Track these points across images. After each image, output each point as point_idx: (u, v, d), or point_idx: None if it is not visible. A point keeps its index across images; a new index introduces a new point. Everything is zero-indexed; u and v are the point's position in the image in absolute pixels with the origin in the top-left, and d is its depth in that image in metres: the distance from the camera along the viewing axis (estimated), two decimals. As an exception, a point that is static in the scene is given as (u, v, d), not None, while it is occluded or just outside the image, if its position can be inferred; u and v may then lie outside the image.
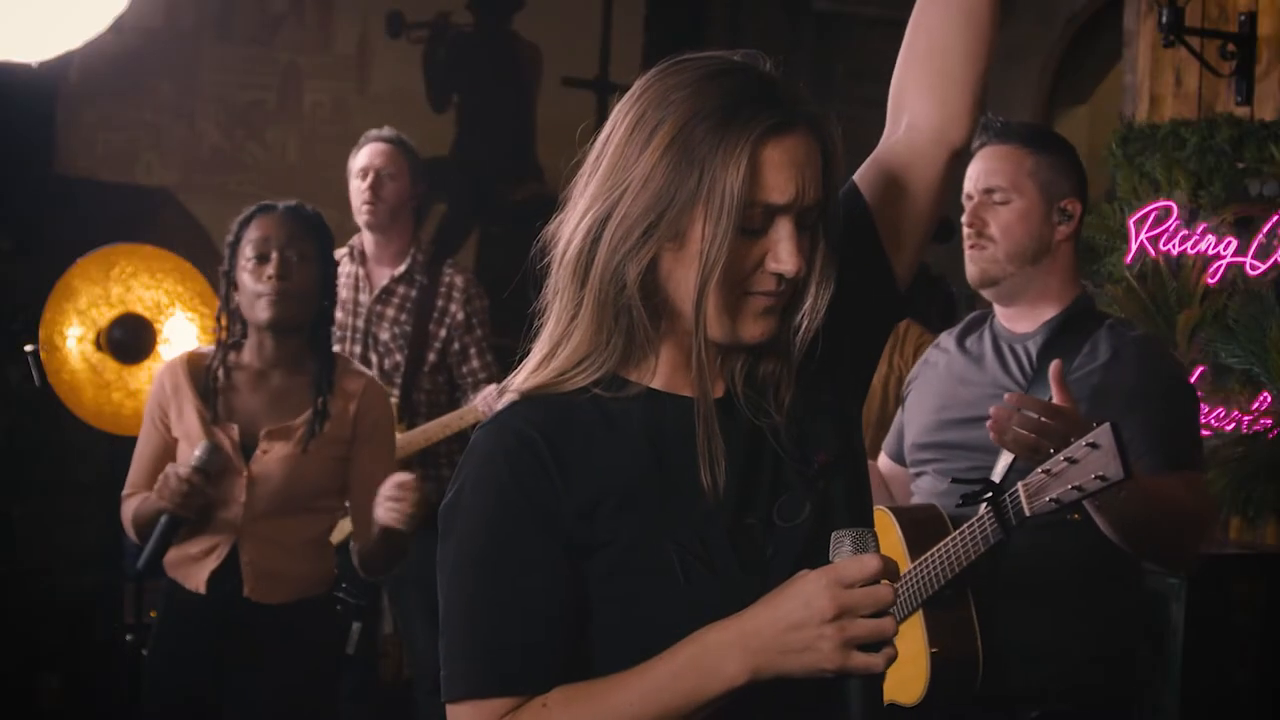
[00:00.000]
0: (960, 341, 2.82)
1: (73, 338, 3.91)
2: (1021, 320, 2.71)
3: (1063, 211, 2.68)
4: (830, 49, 6.84)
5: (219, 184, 5.71)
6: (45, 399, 3.96)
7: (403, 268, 4.44)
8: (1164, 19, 3.98)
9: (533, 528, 1.51)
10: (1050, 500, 2.28)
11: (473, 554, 1.52)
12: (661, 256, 1.51)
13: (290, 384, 3.15)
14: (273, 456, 3.09)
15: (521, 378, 1.57)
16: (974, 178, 2.69)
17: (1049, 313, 2.68)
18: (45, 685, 5.12)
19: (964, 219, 2.69)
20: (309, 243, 3.13)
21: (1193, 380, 3.95)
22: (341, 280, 4.41)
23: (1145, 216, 4.18)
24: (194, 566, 3.12)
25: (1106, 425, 2.21)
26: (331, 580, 3.25)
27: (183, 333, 3.78)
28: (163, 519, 3.02)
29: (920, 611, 2.53)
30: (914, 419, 2.83)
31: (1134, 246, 4.20)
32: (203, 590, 3.10)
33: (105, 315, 3.93)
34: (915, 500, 2.77)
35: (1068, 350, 2.61)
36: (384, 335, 4.41)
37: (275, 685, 3.09)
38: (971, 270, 2.71)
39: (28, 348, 3.92)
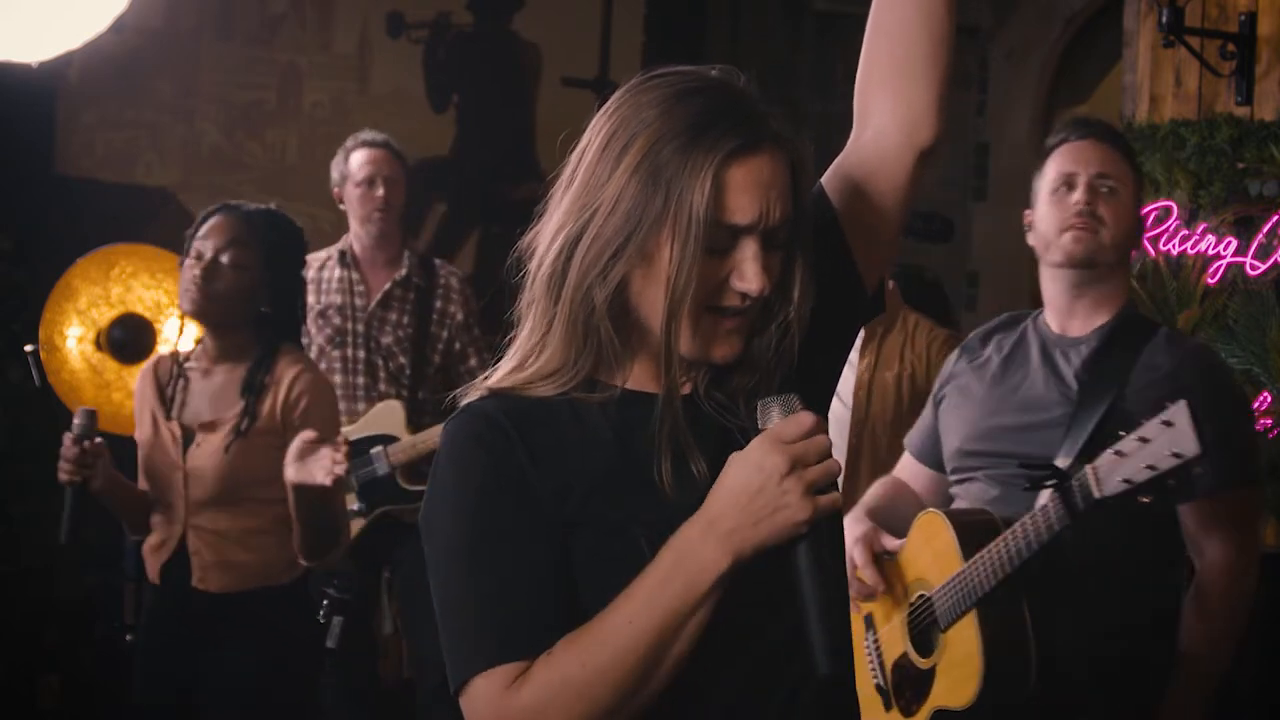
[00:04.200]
0: (998, 344, 2.81)
1: (73, 338, 3.92)
2: (1073, 323, 2.72)
3: (1140, 223, 2.77)
4: (830, 49, 6.84)
5: (219, 184, 5.71)
6: (45, 399, 3.96)
7: (402, 271, 4.45)
8: (1164, 19, 3.98)
9: (515, 501, 1.53)
10: (1122, 480, 2.26)
11: (462, 536, 1.54)
12: (631, 276, 1.53)
13: (231, 379, 3.25)
14: (204, 450, 3.20)
15: (492, 381, 1.60)
16: (1081, 161, 2.70)
17: (1101, 319, 2.70)
18: (45, 685, 5.12)
19: (1078, 196, 2.68)
20: (249, 250, 3.20)
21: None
22: (333, 286, 4.45)
23: (1145, 216, 4.18)
24: (152, 558, 3.27)
25: (1182, 402, 2.21)
26: (294, 570, 3.27)
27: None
28: (67, 492, 3.20)
29: (974, 613, 2.51)
30: (956, 425, 2.80)
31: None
32: (157, 581, 3.27)
33: (105, 315, 3.94)
34: (959, 504, 2.75)
35: (1122, 359, 2.62)
36: (386, 339, 4.41)
37: (237, 673, 3.18)
38: (1076, 249, 2.67)
39: (28, 348, 3.93)
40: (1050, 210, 2.71)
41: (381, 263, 4.48)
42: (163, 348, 3.76)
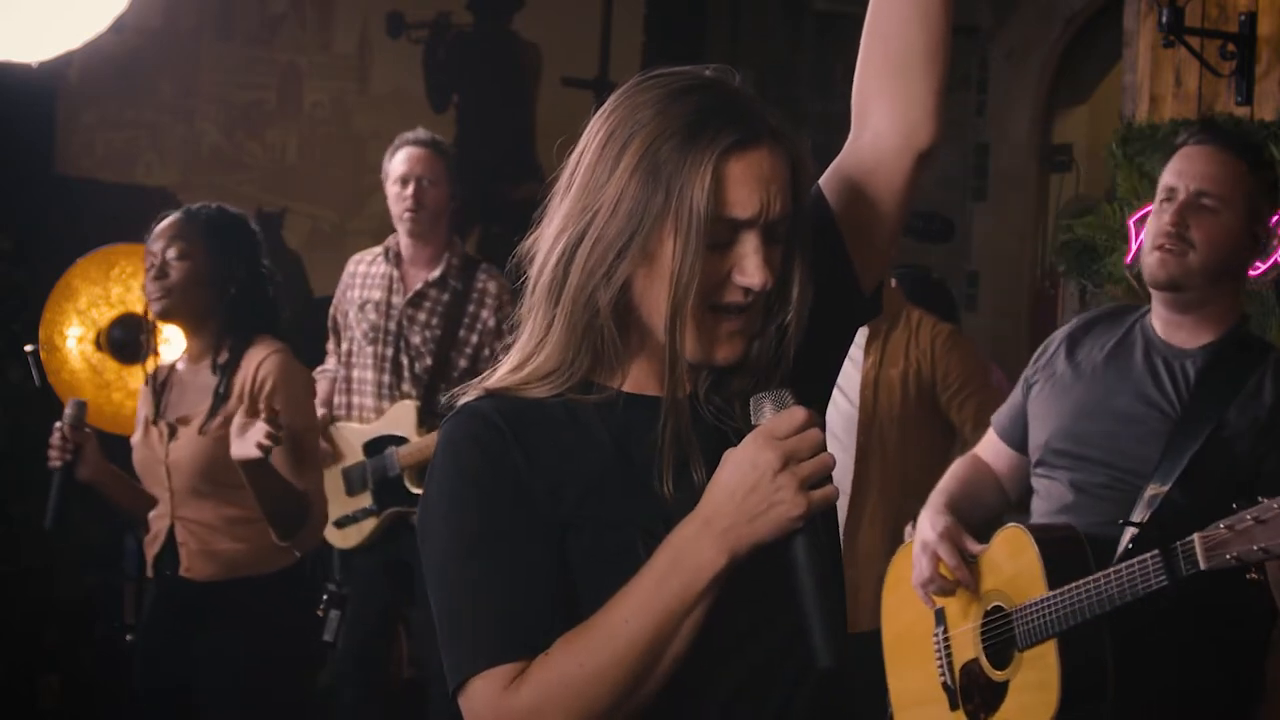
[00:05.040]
0: (1099, 339, 2.72)
1: (73, 338, 3.92)
2: (1180, 332, 2.63)
3: (1255, 237, 2.61)
4: (830, 49, 6.83)
5: (219, 184, 5.72)
6: (45, 399, 3.96)
7: (437, 272, 4.40)
8: (1164, 19, 3.97)
9: (512, 501, 1.54)
10: (1231, 557, 2.23)
11: (459, 535, 1.54)
12: (634, 276, 1.53)
13: (207, 374, 3.32)
14: (181, 442, 3.28)
15: (490, 382, 1.61)
16: (1184, 174, 2.58)
17: (1207, 337, 2.60)
18: (45, 685, 5.12)
19: (1168, 216, 2.57)
20: (191, 241, 3.29)
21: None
22: (376, 281, 4.44)
23: (1145, 216, 4.17)
24: (148, 552, 3.36)
25: None
26: (283, 559, 3.30)
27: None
28: (54, 477, 3.31)
29: (1055, 640, 2.49)
30: (1047, 417, 2.73)
31: (1134, 246, 4.20)
32: (150, 573, 3.36)
33: (105, 315, 3.94)
34: (1038, 502, 2.71)
35: (1230, 380, 2.54)
36: (415, 339, 4.38)
37: (227, 661, 3.23)
38: (1159, 273, 2.57)
39: (28, 348, 3.93)
40: (1150, 222, 2.61)
41: (422, 261, 4.44)
42: (163, 348, 3.76)
